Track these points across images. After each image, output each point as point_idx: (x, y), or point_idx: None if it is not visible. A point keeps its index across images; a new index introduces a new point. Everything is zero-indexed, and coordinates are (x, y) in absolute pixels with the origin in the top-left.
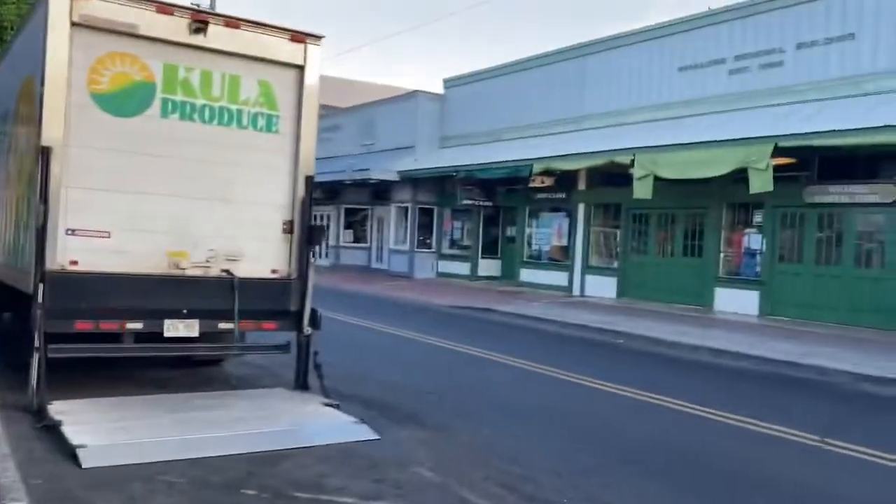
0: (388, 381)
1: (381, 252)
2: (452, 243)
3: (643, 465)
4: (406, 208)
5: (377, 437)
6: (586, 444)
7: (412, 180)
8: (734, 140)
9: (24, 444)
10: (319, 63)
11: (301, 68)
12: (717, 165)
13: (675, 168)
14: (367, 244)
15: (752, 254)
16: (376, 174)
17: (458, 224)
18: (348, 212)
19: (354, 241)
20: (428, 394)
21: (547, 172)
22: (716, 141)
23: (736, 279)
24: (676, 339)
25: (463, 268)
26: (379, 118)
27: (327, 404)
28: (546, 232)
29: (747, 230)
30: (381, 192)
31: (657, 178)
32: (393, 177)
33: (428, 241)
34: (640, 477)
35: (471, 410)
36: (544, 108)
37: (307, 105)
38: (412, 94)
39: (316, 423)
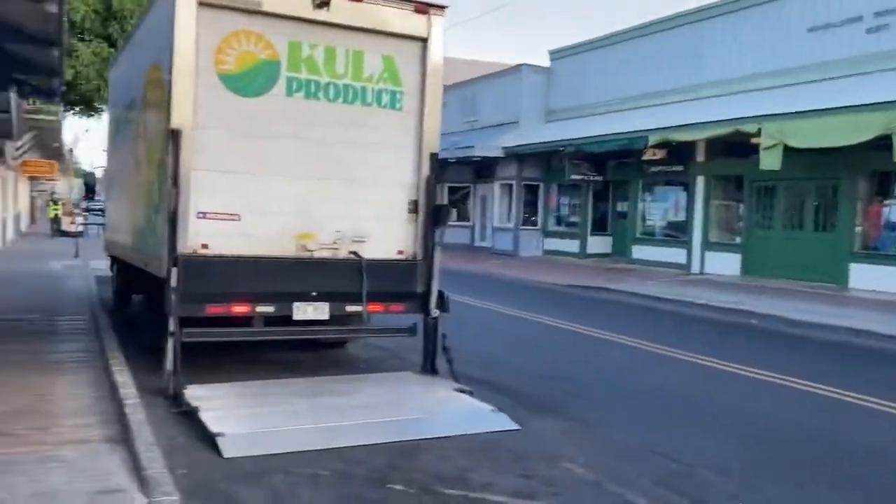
0: (514, 365)
1: (485, 230)
2: (559, 220)
3: (816, 462)
4: (510, 185)
5: (517, 427)
6: (744, 437)
7: (517, 156)
8: (874, 105)
9: (165, 430)
10: (443, 35)
11: (424, 41)
12: (856, 133)
13: (807, 136)
14: (470, 222)
15: (892, 227)
16: (480, 151)
17: (564, 200)
18: (451, 190)
19: (457, 220)
20: (560, 379)
21: (663, 144)
22: (853, 106)
23: (875, 255)
24: (813, 319)
25: (570, 245)
26: (481, 94)
27: (459, 390)
28: (661, 206)
29: (888, 201)
30: (484, 169)
31: (786, 148)
32: (497, 153)
33: (533, 218)
34: (818, 479)
35: (608, 398)
36: (657, 77)
37: (431, 79)
38: (516, 68)
39: (451, 410)
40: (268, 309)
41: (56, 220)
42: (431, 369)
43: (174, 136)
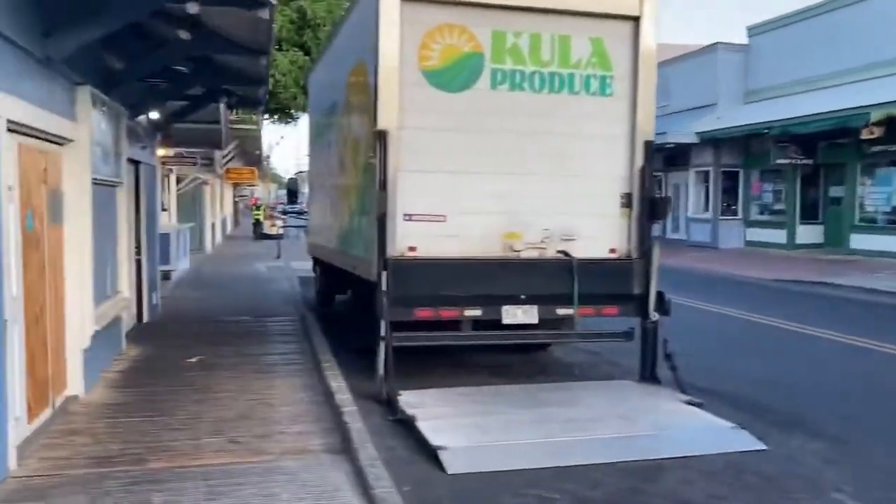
0: (738, 372)
1: (678, 221)
2: (762, 208)
3: None
4: (706, 172)
5: (764, 447)
6: None
7: (713, 141)
8: None
9: (384, 440)
10: (657, 11)
11: (636, 20)
12: None
13: None
14: None
15: None
16: (673, 137)
17: (768, 187)
18: None
19: None
20: (795, 389)
21: (886, 121)
22: None
23: None
24: None
25: (776, 235)
26: (673, 77)
27: (689, 402)
28: (884, 190)
29: None
30: (677, 156)
31: None
32: (691, 139)
33: (733, 207)
34: None
35: (858, 412)
36: (872, 48)
37: (644, 61)
38: (711, 48)
39: (686, 426)
40: (476, 312)
41: (258, 224)
42: (653, 377)
43: (381, 137)
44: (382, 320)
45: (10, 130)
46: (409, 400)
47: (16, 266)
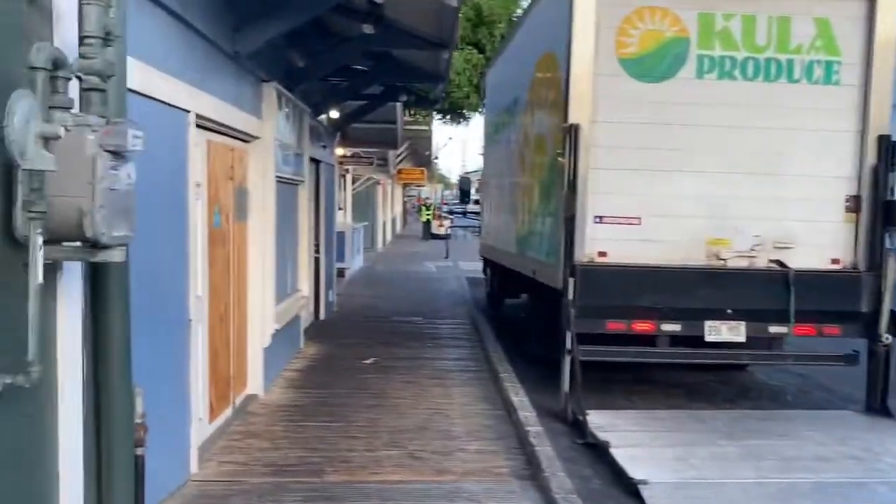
0: None
1: None
2: None
3: None
4: None
5: None
6: None
7: None
8: None
9: (575, 468)
10: None
11: None
12: None
13: None
14: None
15: None
16: None
17: None
18: None
19: None
20: None
21: None
22: None
23: None
24: None
25: None
26: None
27: None
28: None
29: None
30: None
31: None
32: None
33: None
34: None
35: None
36: None
37: (881, 45)
38: None
39: None
40: (674, 327)
41: (428, 224)
42: (883, 410)
43: (572, 132)
44: (568, 332)
45: (198, 126)
46: (599, 422)
47: (202, 265)
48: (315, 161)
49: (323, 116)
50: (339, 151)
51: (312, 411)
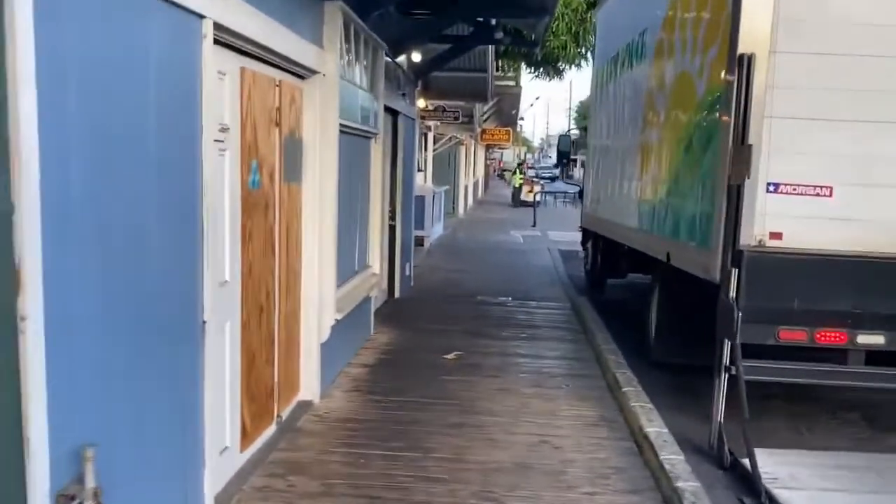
0: None
1: None
2: None
3: None
4: None
5: None
6: None
7: None
8: None
9: None
10: None
11: None
12: None
13: None
14: None
15: None
16: None
17: None
18: None
19: None
20: None
21: None
22: None
23: None
24: None
25: None
26: None
27: None
28: None
29: None
30: None
31: None
32: None
33: None
34: None
35: None
36: None
37: None
38: None
39: None
40: (874, 339)
41: (519, 189)
42: None
43: (743, 66)
44: (728, 341)
45: (226, 45)
46: (772, 470)
47: (230, 240)
48: (392, 112)
49: (402, 59)
50: (421, 104)
51: (380, 431)
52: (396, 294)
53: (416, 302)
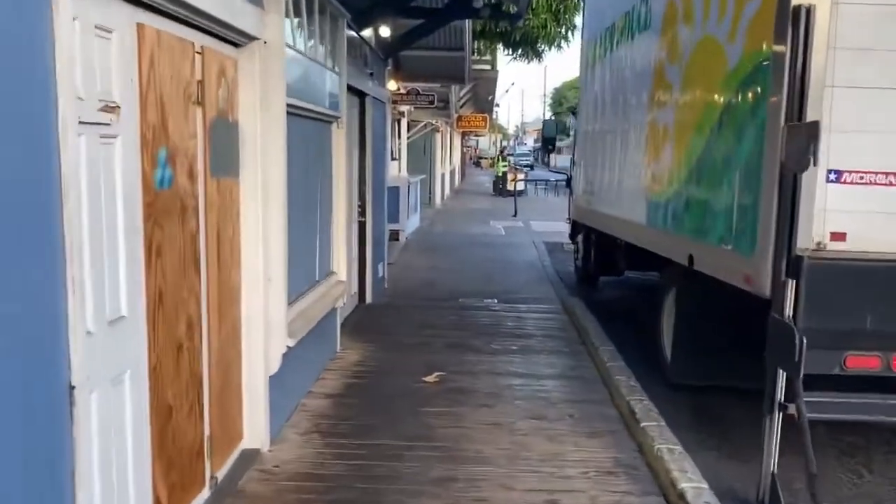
0: None
1: None
2: None
3: None
4: None
5: None
6: None
7: None
8: None
9: None
10: None
11: None
12: None
13: None
14: None
15: None
16: None
17: None
18: None
19: None
20: None
21: None
22: None
23: None
24: None
25: None
26: None
27: None
28: None
29: None
30: None
31: None
32: None
33: None
34: None
35: None
36: None
37: None
38: None
39: None
40: None
41: (503, 178)
42: None
43: (800, 21)
44: (785, 372)
45: None
46: None
47: (127, 259)
48: (358, 94)
49: (369, 34)
50: (392, 86)
51: (344, 492)
52: (368, 299)
53: (390, 308)
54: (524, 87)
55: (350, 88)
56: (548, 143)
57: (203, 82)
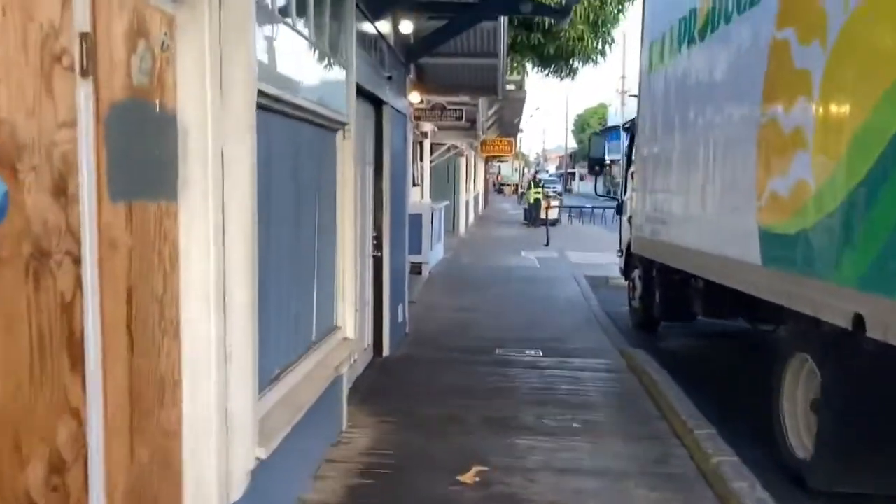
0: None
1: None
2: None
3: None
4: None
5: None
6: None
7: None
8: None
9: None
10: None
11: None
12: None
13: None
14: None
15: None
16: None
17: None
18: None
19: None
20: None
21: None
22: None
23: None
24: None
25: None
26: None
27: None
28: None
29: None
30: None
31: None
32: None
33: None
34: None
35: None
36: None
37: None
38: None
39: None
40: None
41: (536, 206)
42: None
43: None
44: None
45: None
46: None
47: None
48: (375, 102)
49: (387, 30)
50: (415, 98)
51: None
52: (385, 351)
53: (411, 363)
54: (546, 113)
55: (363, 92)
56: (595, 164)
57: (94, 38)
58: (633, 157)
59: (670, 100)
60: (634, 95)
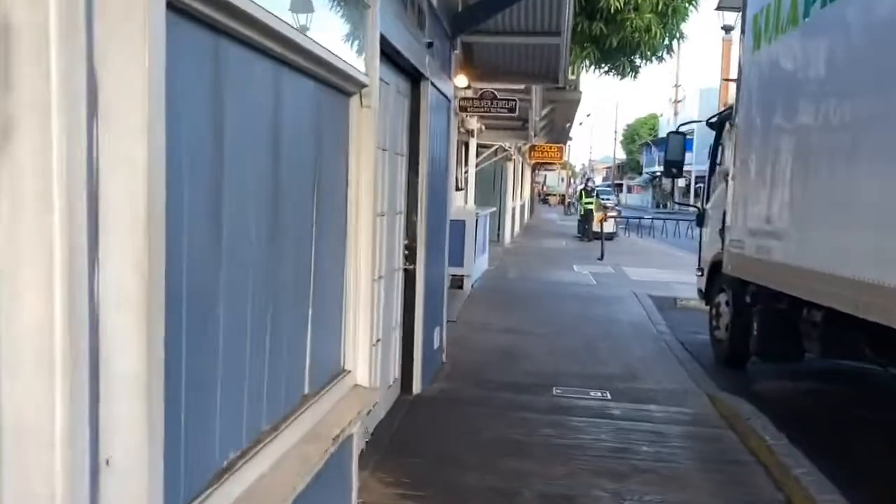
0: None
1: None
2: None
3: None
4: None
5: None
6: None
7: None
8: None
9: None
10: None
11: None
12: None
13: None
14: None
15: None
16: None
17: None
18: None
19: None
20: None
21: None
22: None
23: None
24: None
25: None
26: None
27: None
28: None
29: None
30: None
31: None
32: None
33: None
34: None
35: None
36: None
37: None
38: None
39: None
40: None
41: (588, 217)
42: None
43: None
44: None
45: None
46: None
47: None
48: (410, 75)
49: None
50: (462, 82)
51: None
52: (415, 387)
53: (447, 405)
54: (594, 121)
55: (394, 59)
56: (672, 167)
57: None
58: (720, 157)
59: (796, 81)
60: (724, 85)
